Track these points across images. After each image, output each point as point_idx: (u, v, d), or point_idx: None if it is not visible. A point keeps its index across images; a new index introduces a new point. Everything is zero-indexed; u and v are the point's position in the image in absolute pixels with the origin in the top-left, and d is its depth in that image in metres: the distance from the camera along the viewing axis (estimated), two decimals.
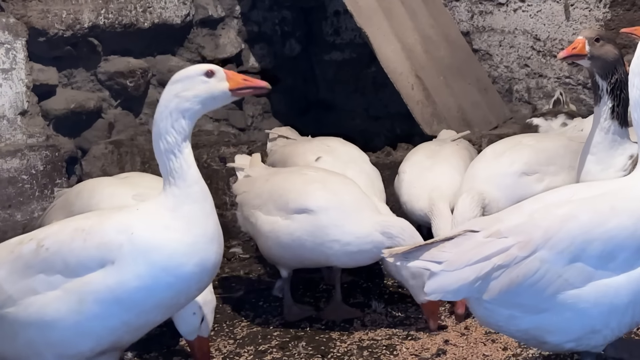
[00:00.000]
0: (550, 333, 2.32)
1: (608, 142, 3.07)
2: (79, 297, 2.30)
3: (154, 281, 2.31)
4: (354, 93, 5.87)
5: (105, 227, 2.36)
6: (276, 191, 3.42)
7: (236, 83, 2.49)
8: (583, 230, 2.26)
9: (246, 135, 5.30)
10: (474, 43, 5.61)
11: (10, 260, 2.38)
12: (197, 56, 5.20)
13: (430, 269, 2.28)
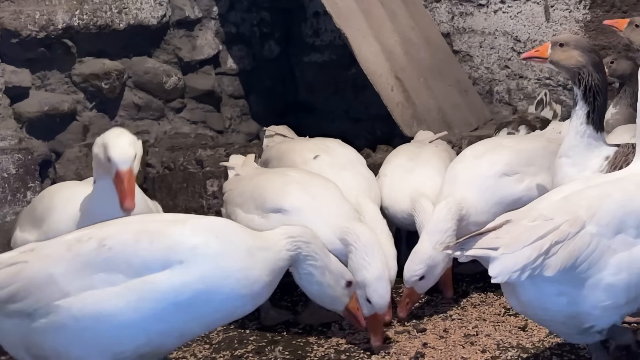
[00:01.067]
0: (597, 307, 2.45)
1: (583, 145, 3.13)
2: (139, 295, 2.35)
3: (219, 288, 2.42)
4: (334, 95, 5.84)
5: (173, 229, 2.45)
6: (257, 190, 3.43)
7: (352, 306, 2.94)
8: (620, 205, 2.46)
9: (224, 137, 5.24)
10: (454, 44, 5.59)
11: (69, 258, 2.39)
12: (173, 57, 5.14)
13: (490, 255, 2.37)
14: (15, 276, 2.38)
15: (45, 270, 2.38)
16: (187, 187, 4.36)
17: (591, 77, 3.10)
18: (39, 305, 2.37)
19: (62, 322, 2.36)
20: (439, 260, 3.34)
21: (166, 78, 5.04)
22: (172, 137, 4.80)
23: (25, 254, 2.46)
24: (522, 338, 3.23)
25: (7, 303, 2.38)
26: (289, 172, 3.49)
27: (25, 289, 2.37)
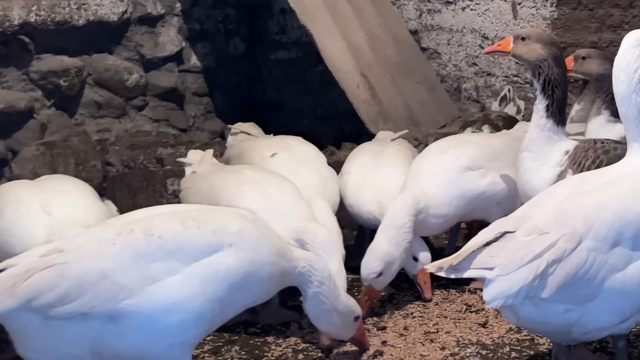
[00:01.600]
0: (599, 320, 2.39)
1: (544, 139, 3.12)
2: (201, 279, 2.36)
3: (258, 273, 2.49)
4: (301, 93, 5.79)
5: (220, 216, 2.52)
6: (212, 189, 3.37)
7: (358, 334, 2.94)
8: (617, 216, 2.35)
9: (187, 136, 5.17)
10: (422, 42, 5.57)
11: (116, 252, 2.32)
12: (135, 54, 5.07)
13: (485, 276, 2.29)
14: (60, 277, 2.26)
15: (93, 266, 2.28)
16: (147, 186, 4.29)
17: (551, 70, 3.08)
18: (95, 302, 2.27)
19: (136, 323, 2.30)
20: (396, 257, 3.30)
21: (127, 75, 4.96)
22: (133, 135, 4.73)
23: (55, 255, 2.32)
24: (482, 334, 3.19)
25: (58, 305, 2.26)
26: (246, 171, 3.42)
27: (77, 289, 2.26)
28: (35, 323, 2.29)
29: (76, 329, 2.30)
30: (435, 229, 3.62)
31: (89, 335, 2.31)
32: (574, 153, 3.11)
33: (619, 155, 3.03)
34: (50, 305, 2.26)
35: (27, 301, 2.24)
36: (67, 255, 2.32)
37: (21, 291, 2.23)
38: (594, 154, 3.06)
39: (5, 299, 2.22)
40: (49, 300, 2.26)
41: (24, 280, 2.24)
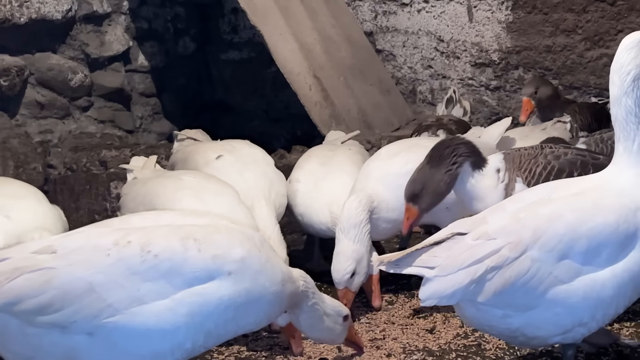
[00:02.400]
0: (541, 329, 2.39)
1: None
2: (190, 308, 2.23)
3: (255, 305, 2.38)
4: (253, 94, 5.71)
5: (223, 238, 2.35)
6: (148, 195, 3.26)
7: (350, 336, 2.86)
8: (570, 228, 2.34)
9: (134, 137, 5.05)
10: (377, 43, 5.53)
11: (108, 264, 2.19)
12: (80, 54, 4.93)
13: (424, 274, 2.31)
14: (46, 284, 2.15)
15: (82, 278, 2.17)
16: (90, 189, 4.17)
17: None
18: (77, 317, 2.16)
19: (112, 341, 2.19)
20: (363, 253, 3.26)
21: (72, 75, 4.84)
22: (76, 137, 4.60)
23: (45, 256, 2.21)
24: (428, 340, 3.14)
25: (39, 314, 2.16)
26: (184, 177, 3.29)
27: (61, 299, 2.15)
28: (14, 327, 2.19)
29: (52, 339, 2.20)
30: (385, 234, 3.57)
31: (64, 346, 2.20)
32: (516, 161, 3.06)
33: (570, 160, 3.03)
34: (31, 313, 2.16)
35: (9, 304, 2.14)
36: (58, 260, 2.20)
37: (4, 293, 2.14)
38: (544, 159, 3.02)
39: None
40: (31, 307, 2.15)
41: (10, 280, 2.14)
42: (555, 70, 5.16)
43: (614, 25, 5.02)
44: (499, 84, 5.30)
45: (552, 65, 5.16)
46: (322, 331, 2.76)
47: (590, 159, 3.05)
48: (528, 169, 3.01)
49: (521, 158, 3.04)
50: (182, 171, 3.51)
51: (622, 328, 3.13)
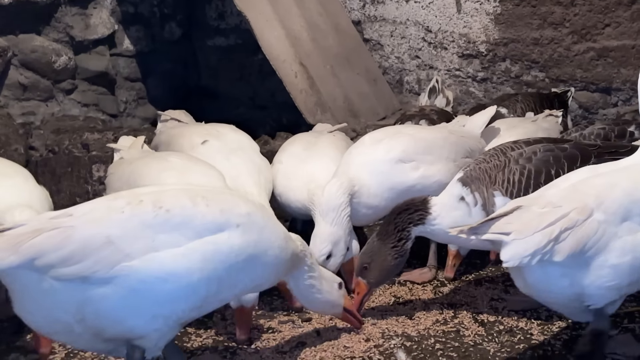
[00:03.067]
0: (601, 288, 2.53)
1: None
2: (203, 256, 2.36)
3: (263, 257, 2.51)
4: (239, 81, 5.67)
5: (230, 197, 2.53)
6: (132, 175, 3.25)
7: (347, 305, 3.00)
8: (626, 193, 2.54)
9: (117, 121, 5.01)
10: (365, 33, 5.50)
11: (123, 220, 2.32)
12: (64, 36, 4.87)
13: (502, 239, 2.45)
14: (66, 239, 2.26)
15: (99, 232, 2.28)
16: (71, 172, 4.12)
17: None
18: (97, 267, 2.27)
19: (129, 285, 2.29)
20: (340, 235, 3.27)
21: (55, 57, 4.78)
22: (59, 120, 4.55)
23: (62, 219, 2.31)
24: (408, 326, 3.14)
25: (60, 266, 2.25)
26: (170, 158, 3.30)
27: (81, 252, 2.26)
28: (33, 283, 2.26)
29: (71, 292, 2.28)
30: (365, 220, 3.55)
31: (82, 298, 2.28)
32: (484, 178, 3.04)
33: (542, 159, 3.03)
34: (52, 266, 2.25)
35: (30, 260, 2.22)
36: (75, 219, 2.31)
37: (25, 249, 2.22)
38: (516, 165, 3.03)
39: (8, 256, 2.20)
40: (52, 260, 2.24)
41: (30, 239, 2.23)
42: (542, 62, 5.15)
43: (601, 19, 5.02)
44: (486, 76, 5.29)
45: (539, 58, 5.16)
46: (321, 294, 2.84)
47: (559, 152, 3.07)
48: (505, 179, 3.00)
49: (489, 172, 3.04)
50: (169, 152, 3.49)
51: None
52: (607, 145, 3.19)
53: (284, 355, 2.94)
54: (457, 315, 3.20)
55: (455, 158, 3.48)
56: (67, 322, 2.32)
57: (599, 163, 2.99)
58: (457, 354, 2.90)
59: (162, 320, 2.37)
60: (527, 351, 2.90)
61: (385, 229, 3.07)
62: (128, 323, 2.33)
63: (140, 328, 2.34)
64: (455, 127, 3.83)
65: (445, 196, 3.06)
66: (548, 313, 3.18)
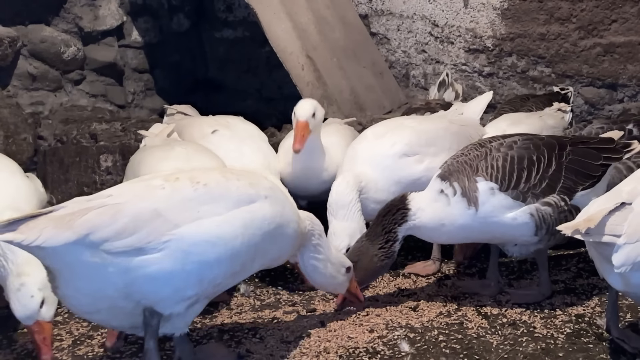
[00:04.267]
0: None
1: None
2: (243, 222, 2.53)
3: (287, 228, 2.69)
4: (246, 73, 5.69)
5: (255, 175, 2.71)
6: (138, 163, 3.30)
7: (352, 288, 3.08)
8: None
9: (125, 112, 5.03)
10: (372, 26, 5.51)
11: (167, 195, 2.45)
12: (73, 27, 4.90)
13: (615, 242, 2.48)
14: (118, 214, 2.36)
15: (147, 207, 2.40)
16: (79, 162, 4.15)
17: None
18: (150, 238, 2.38)
19: (180, 249, 2.40)
20: (355, 228, 3.30)
21: (64, 48, 4.80)
22: (67, 110, 4.58)
23: (103, 199, 2.40)
24: (411, 318, 3.16)
25: (114, 240, 2.34)
26: (176, 147, 3.34)
27: (133, 224, 2.36)
28: (84, 260, 2.33)
29: (121, 264, 2.35)
30: (374, 214, 3.57)
31: (130, 269, 2.36)
32: (465, 169, 3.06)
33: (523, 147, 3.08)
34: (106, 239, 2.33)
35: (85, 235, 2.30)
36: (119, 197, 2.41)
37: (79, 225, 2.30)
38: (498, 152, 3.06)
39: (63, 232, 2.28)
40: (107, 234, 2.33)
41: (81, 216, 2.31)
42: (548, 58, 5.16)
43: (608, 15, 5.02)
44: (492, 71, 5.30)
45: (545, 53, 5.16)
46: (325, 277, 2.94)
47: (538, 140, 3.13)
48: (488, 166, 3.03)
49: (470, 163, 3.07)
50: (179, 142, 3.52)
51: (603, 311, 3.16)
52: (578, 137, 3.30)
53: (289, 344, 2.96)
54: (460, 308, 3.23)
55: (457, 147, 3.49)
56: (113, 296, 2.40)
57: (575, 151, 3.11)
58: (460, 346, 2.92)
59: (206, 284, 2.48)
60: (529, 344, 2.91)
61: (374, 230, 3.12)
62: (175, 285, 2.42)
63: (185, 291, 2.44)
64: (455, 116, 3.85)
65: (426, 192, 3.12)
66: (551, 307, 3.20)
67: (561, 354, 2.84)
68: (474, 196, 2.99)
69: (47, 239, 2.26)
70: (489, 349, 2.89)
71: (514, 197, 3.01)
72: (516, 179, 3.01)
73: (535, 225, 3.03)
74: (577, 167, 3.10)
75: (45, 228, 2.27)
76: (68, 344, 3.03)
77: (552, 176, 3.05)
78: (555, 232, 3.05)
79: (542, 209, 3.03)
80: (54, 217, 2.30)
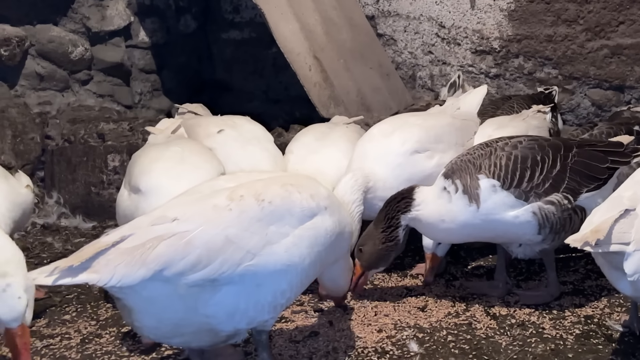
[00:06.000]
0: None
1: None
2: (308, 241, 2.50)
3: (343, 227, 2.67)
4: (253, 74, 5.69)
5: (308, 181, 2.65)
6: (134, 163, 3.28)
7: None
8: None
9: (132, 112, 5.03)
10: (378, 27, 5.51)
11: (234, 217, 2.38)
12: (81, 27, 4.90)
13: (624, 250, 2.45)
14: (188, 246, 2.29)
15: (218, 234, 2.34)
16: (87, 161, 4.16)
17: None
18: (224, 268, 2.32)
19: (255, 282, 2.37)
20: (354, 229, 3.26)
21: (72, 48, 4.81)
22: (75, 110, 4.58)
23: (170, 224, 2.32)
24: (420, 318, 3.15)
25: (189, 273, 2.29)
26: (171, 147, 3.26)
27: (207, 256, 2.30)
28: (161, 293, 2.29)
29: (198, 295, 2.31)
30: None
31: (208, 299, 2.33)
32: (468, 167, 3.07)
33: (528, 147, 3.09)
34: (181, 274, 2.27)
35: (159, 271, 2.25)
36: (187, 224, 2.32)
37: (152, 261, 2.24)
38: (503, 152, 3.07)
39: (138, 270, 2.22)
40: (182, 268, 2.27)
41: (152, 249, 2.24)
42: (555, 60, 5.15)
43: (615, 17, 5.01)
44: (499, 72, 5.29)
45: (552, 55, 5.15)
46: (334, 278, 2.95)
47: (543, 142, 3.13)
48: (491, 164, 3.04)
49: (473, 162, 3.08)
50: (176, 141, 3.46)
51: (612, 313, 3.15)
52: (586, 139, 3.30)
53: (297, 344, 2.96)
54: (469, 309, 3.22)
55: (462, 142, 3.51)
56: (194, 323, 2.37)
57: (581, 153, 3.11)
58: (469, 346, 2.91)
59: (280, 309, 2.50)
60: (539, 345, 2.90)
61: (379, 216, 3.16)
62: (250, 316, 2.41)
63: (260, 317, 2.44)
64: (455, 112, 3.85)
65: (432, 188, 3.13)
66: (560, 308, 3.19)
67: (570, 355, 2.83)
68: (475, 193, 3.00)
69: (122, 278, 2.20)
70: (497, 349, 2.89)
71: (516, 195, 3.01)
72: (519, 178, 3.01)
73: (538, 224, 3.02)
74: (582, 169, 3.10)
75: (118, 265, 2.21)
76: (77, 342, 3.03)
77: (556, 177, 3.05)
78: (560, 232, 3.05)
79: (545, 208, 3.02)
80: (124, 250, 2.24)
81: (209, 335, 2.44)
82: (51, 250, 3.89)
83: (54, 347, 2.99)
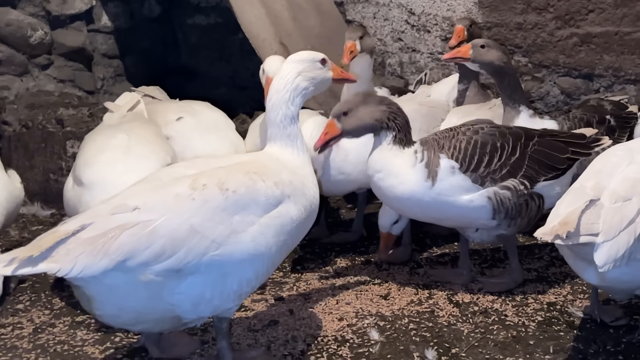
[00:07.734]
0: None
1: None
2: (274, 230, 2.46)
3: (307, 212, 2.62)
4: (219, 60, 5.60)
5: (271, 167, 2.57)
6: (81, 151, 3.18)
7: (337, 74, 2.90)
8: None
9: (94, 98, 4.92)
10: (347, 14, 5.45)
11: (198, 207, 2.34)
12: (41, 10, 4.77)
13: (594, 241, 2.43)
14: (152, 235, 2.25)
15: (182, 223, 2.30)
16: (45, 147, 4.06)
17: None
18: (189, 258, 2.29)
19: (223, 271, 2.35)
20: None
21: (31, 32, 4.70)
22: (33, 95, 4.47)
23: (131, 212, 2.28)
24: (382, 306, 3.12)
25: (153, 263, 2.25)
26: (118, 134, 3.14)
27: (171, 245, 2.27)
28: (124, 283, 2.25)
29: (162, 284, 2.29)
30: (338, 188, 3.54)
31: (172, 289, 2.30)
32: (434, 144, 3.08)
33: (489, 133, 3.10)
34: (145, 264, 2.24)
35: (122, 261, 2.21)
36: (149, 213, 2.28)
37: (115, 251, 2.20)
38: (464, 136, 3.09)
39: (100, 260, 2.19)
40: (145, 258, 2.24)
41: (115, 239, 2.20)
42: (525, 47, 5.12)
43: (585, 5, 4.99)
44: None
45: (522, 43, 5.13)
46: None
47: (505, 129, 3.16)
48: (451, 146, 3.06)
49: (439, 140, 3.11)
50: (126, 125, 3.32)
51: (575, 300, 3.14)
52: (548, 130, 3.28)
53: (256, 333, 2.90)
54: (432, 296, 3.18)
55: (427, 129, 3.51)
56: (157, 311, 2.34)
57: (541, 142, 3.11)
58: (431, 334, 2.87)
59: (245, 296, 2.48)
60: (500, 332, 2.88)
61: (377, 106, 3.05)
62: (215, 305, 2.40)
63: (225, 305, 2.43)
64: (424, 99, 3.85)
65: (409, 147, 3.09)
66: (523, 295, 3.17)
67: (532, 341, 2.81)
68: (434, 170, 3.00)
69: (83, 269, 2.17)
70: (459, 337, 2.86)
71: (473, 179, 3.02)
72: (477, 162, 3.03)
73: (492, 209, 3.03)
74: (542, 158, 3.12)
75: (79, 255, 2.17)
76: (29, 332, 2.95)
77: (514, 164, 3.07)
78: (516, 217, 3.06)
79: (500, 193, 3.03)
80: (85, 239, 2.20)
81: (171, 321, 2.41)
82: (7, 238, 3.79)
83: (4, 337, 2.91)
